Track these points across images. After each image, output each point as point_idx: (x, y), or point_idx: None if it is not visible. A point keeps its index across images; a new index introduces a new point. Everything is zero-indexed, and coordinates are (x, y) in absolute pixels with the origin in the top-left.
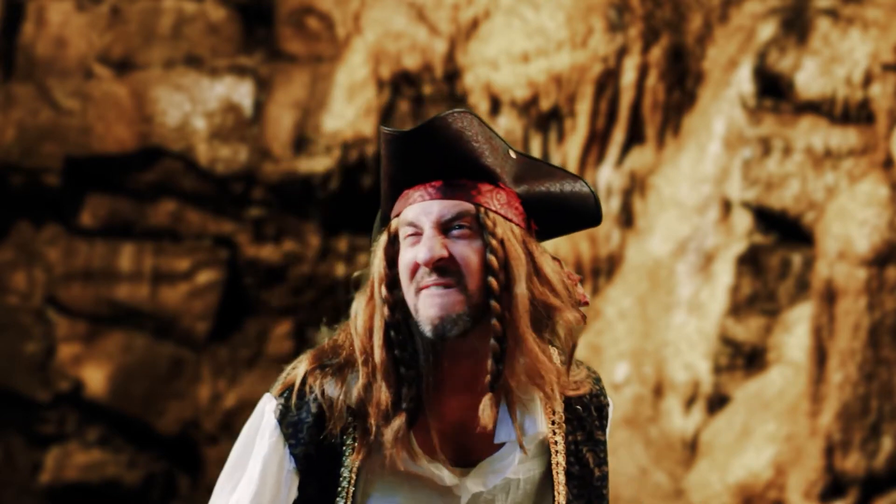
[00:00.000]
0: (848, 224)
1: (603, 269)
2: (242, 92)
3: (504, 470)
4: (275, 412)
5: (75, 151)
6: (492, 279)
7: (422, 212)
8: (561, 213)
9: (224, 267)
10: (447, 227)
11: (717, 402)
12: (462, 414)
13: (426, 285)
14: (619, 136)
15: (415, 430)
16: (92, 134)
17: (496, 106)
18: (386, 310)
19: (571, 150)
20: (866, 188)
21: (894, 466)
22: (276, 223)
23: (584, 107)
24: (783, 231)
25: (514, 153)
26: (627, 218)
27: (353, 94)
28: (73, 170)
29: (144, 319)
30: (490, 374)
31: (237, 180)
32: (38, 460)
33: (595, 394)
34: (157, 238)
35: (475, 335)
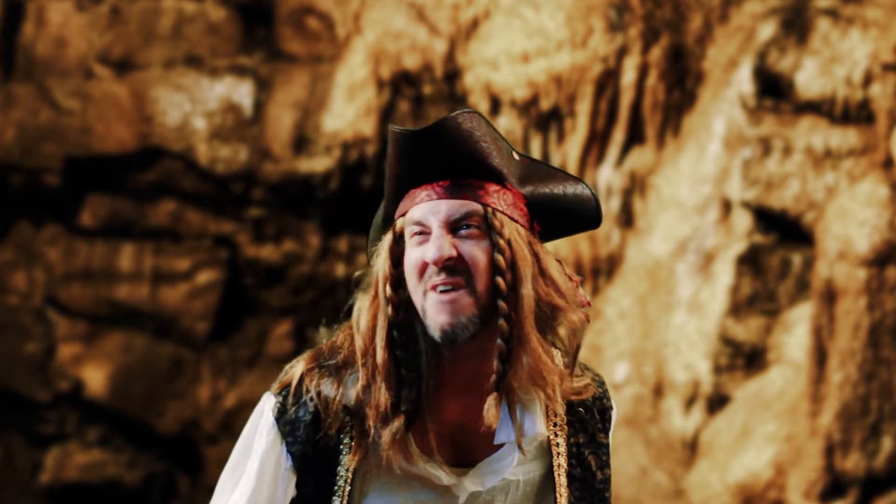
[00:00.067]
0: (848, 224)
1: (603, 269)
2: (242, 92)
3: (503, 470)
4: (273, 410)
5: (75, 151)
6: (499, 279)
7: (429, 211)
8: (562, 215)
9: (224, 267)
10: (455, 227)
11: (717, 402)
12: (462, 415)
13: (434, 285)
14: (619, 136)
15: (413, 432)
16: (92, 134)
17: (496, 106)
18: (390, 309)
19: (571, 150)
20: (866, 188)
21: (894, 466)
22: (276, 223)
23: (584, 107)
24: (783, 231)
25: (517, 155)
26: (627, 218)
27: (353, 94)
28: (73, 170)
29: (144, 319)
30: (495, 374)
31: (237, 180)
32: (38, 460)
33: (598, 396)
34: (157, 238)
35: (481, 336)
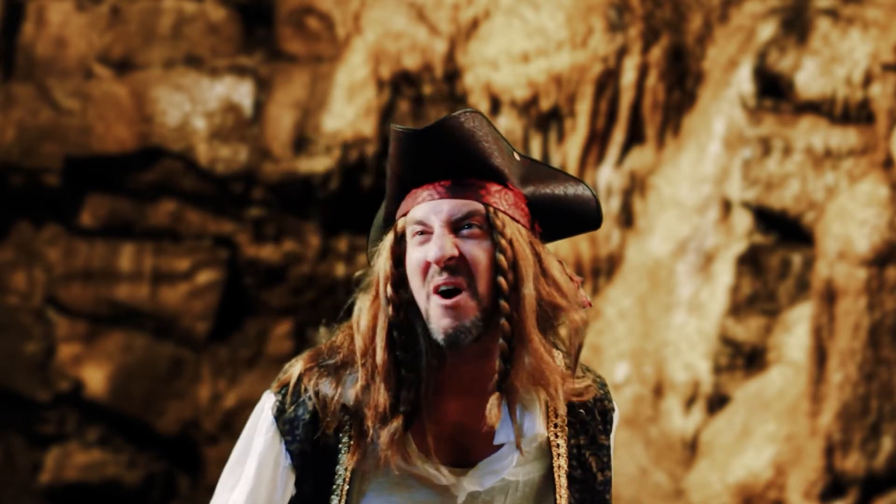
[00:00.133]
0: (848, 224)
1: (603, 269)
2: (242, 92)
3: (502, 471)
4: (272, 409)
5: (75, 151)
6: (501, 279)
7: (431, 210)
8: (563, 216)
9: (224, 267)
10: (457, 227)
11: (717, 402)
12: (461, 415)
13: (437, 286)
14: (619, 136)
15: (412, 432)
16: (92, 134)
17: (496, 106)
18: (391, 310)
19: (571, 150)
20: (866, 188)
21: (894, 466)
22: (276, 223)
23: (584, 107)
24: (783, 231)
25: (518, 155)
26: (627, 218)
27: (353, 94)
28: (73, 170)
29: (144, 319)
30: (497, 374)
31: (237, 180)
32: (38, 460)
33: (599, 398)
34: (157, 238)
35: (483, 337)
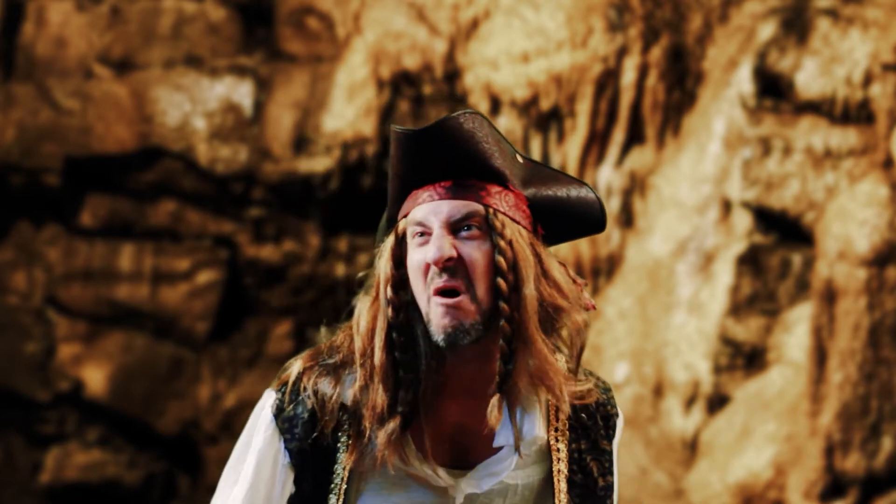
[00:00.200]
0: (848, 224)
1: (603, 269)
2: (242, 92)
3: (500, 473)
4: (272, 407)
5: (75, 151)
6: (500, 281)
7: (431, 211)
8: (566, 218)
9: (224, 267)
10: (456, 228)
11: (717, 402)
12: (461, 417)
13: (437, 289)
14: (619, 136)
15: (411, 433)
16: (92, 134)
17: (496, 106)
18: (390, 311)
19: (571, 150)
20: (866, 188)
21: (894, 466)
22: (276, 223)
23: (584, 107)
24: (783, 231)
25: (521, 157)
26: (627, 218)
27: (353, 94)
28: (73, 170)
29: (144, 319)
30: (499, 376)
31: (237, 180)
32: (38, 460)
33: (602, 402)
34: (157, 238)
35: (483, 339)
